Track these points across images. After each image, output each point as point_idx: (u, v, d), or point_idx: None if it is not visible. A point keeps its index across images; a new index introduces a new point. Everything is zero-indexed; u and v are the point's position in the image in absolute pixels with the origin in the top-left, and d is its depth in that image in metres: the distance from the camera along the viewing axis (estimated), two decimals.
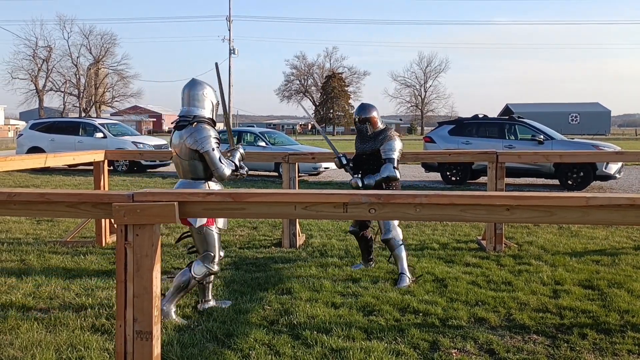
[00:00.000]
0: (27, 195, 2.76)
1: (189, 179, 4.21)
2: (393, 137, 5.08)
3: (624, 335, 3.76)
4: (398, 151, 5.05)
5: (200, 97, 4.19)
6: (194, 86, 4.23)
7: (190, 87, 4.22)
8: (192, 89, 4.21)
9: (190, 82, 4.27)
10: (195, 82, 4.27)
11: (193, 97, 4.19)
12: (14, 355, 3.43)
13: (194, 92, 4.20)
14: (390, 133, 5.13)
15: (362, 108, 5.28)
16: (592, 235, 7.10)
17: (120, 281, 2.59)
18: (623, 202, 2.43)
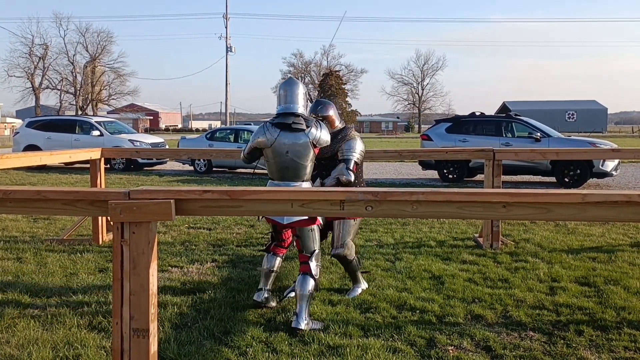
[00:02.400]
0: (23, 193, 2.75)
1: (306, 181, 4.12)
2: (353, 137, 4.53)
3: (620, 332, 3.77)
4: (358, 152, 4.46)
5: (302, 97, 4.13)
6: (299, 85, 4.16)
7: (298, 85, 4.14)
8: (299, 87, 4.13)
9: (290, 81, 4.20)
10: (296, 81, 4.23)
11: (301, 97, 4.12)
12: (10, 353, 3.42)
13: (297, 90, 4.11)
14: (351, 132, 4.57)
15: (318, 104, 4.60)
16: (589, 233, 7.11)
17: (117, 279, 2.58)
18: (619, 199, 2.43)
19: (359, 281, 4.66)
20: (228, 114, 51.34)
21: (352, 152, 4.43)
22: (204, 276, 5.13)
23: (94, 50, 65.46)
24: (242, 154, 4.29)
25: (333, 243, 4.55)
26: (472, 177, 14.12)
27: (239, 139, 17.13)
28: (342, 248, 4.47)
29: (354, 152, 4.44)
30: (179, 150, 9.72)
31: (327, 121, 4.47)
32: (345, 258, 4.50)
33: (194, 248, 6.31)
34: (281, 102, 4.10)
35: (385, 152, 7.19)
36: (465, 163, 13.50)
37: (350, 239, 4.53)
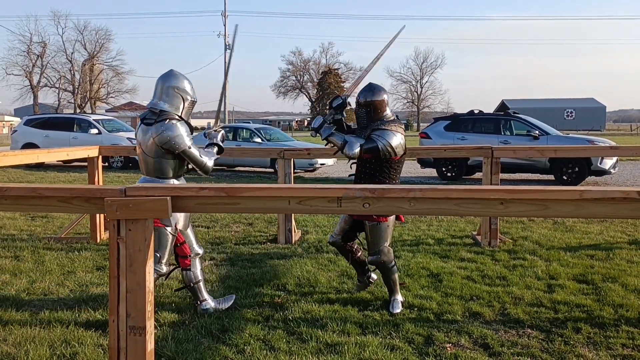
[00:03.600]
0: (18, 190, 2.74)
1: (153, 177, 3.96)
2: (393, 130, 4.07)
3: (618, 329, 3.77)
4: (389, 145, 4.00)
5: (168, 92, 3.91)
6: (167, 79, 3.95)
7: (163, 80, 3.96)
8: (164, 82, 3.94)
9: (167, 75, 4.00)
10: (169, 75, 3.99)
11: (162, 91, 3.93)
12: (7, 351, 3.41)
13: (161, 84, 3.94)
14: (392, 125, 4.10)
15: (369, 89, 4.22)
16: (587, 230, 7.11)
17: (113, 276, 2.58)
18: (617, 196, 2.43)
19: (397, 292, 4.26)
20: (227, 111, 51.32)
21: (379, 139, 4.02)
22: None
23: (92, 48, 65.31)
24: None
25: (368, 249, 4.24)
26: (471, 175, 14.12)
27: (237, 137, 17.11)
28: (377, 255, 4.16)
29: (382, 139, 4.01)
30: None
31: (373, 107, 4.15)
32: (384, 265, 4.18)
33: None
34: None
35: None
36: (463, 161, 13.51)
37: (386, 244, 4.18)
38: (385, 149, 4.00)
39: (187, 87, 3.99)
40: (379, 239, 4.14)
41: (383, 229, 4.14)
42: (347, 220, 4.40)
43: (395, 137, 4.04)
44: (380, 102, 4.15)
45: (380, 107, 4.15)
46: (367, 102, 4.16)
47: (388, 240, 4.18)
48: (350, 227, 4.40)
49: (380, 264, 4.18)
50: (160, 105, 3.91)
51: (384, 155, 4.02)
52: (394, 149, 4.03)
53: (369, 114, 4.17)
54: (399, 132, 4.09)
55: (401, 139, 4.09)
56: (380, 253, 4.15)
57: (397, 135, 4.06)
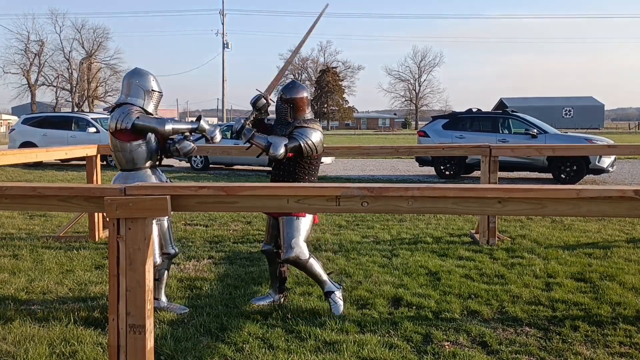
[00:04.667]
0: (18, 189, 2.75)
1: (124, 171, 4.14)
2: (314, 127, 4.11)
3: (615, 327, 3.78)
4: (308, 141, 4.01)
5: (129, 86, 4.13)
6: (130, 75, 4.21)
7: (127, 76, 4.21)
8: (127, 78, 4.19)
9: (129, 72, 4.29)
10: (132, 72, 4.25)
11: (124, 86, 4.17)
12: (7, 349, 3.42)
13: (125, 81, 4.18)
14: (314, 124, 4.14)
15: (290, 87, 4.22)
16: (585, 229, 7.14)
17: (113, 275, 2.59)
18: (614, 194, 2.44)
19: (326, 283, 4.08)
20: (225, 110, 51.28)
21: (300, 136, 4.02)
22: (200, 273, 5.14)
23: (90, 46, 65.23)
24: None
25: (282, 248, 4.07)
26: (469, 174, 14.15)
27: None
28: (290, 251, 3.96)
29: (303, 137, 4.01)
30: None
31: (293, 104, 4.14)
32: (298, 263, 4.00)
33: (191, 245, 6.31)
34: None
35: (382, 148, 7.20)
36: (462, 159, 13.53)
37: (299, 240, 3.99)
38: (307, 147, 4.02)
39: (149, 80, 4.17)
40: (293, 232, 3.98)
41: (300, 223, 4.01)
42: (273, 224, 4.25)
43: (315, 135, 4.08)
44: (302, 100, 4.18)
45: (302, 105, 4.18)
46: (291, 98, 4.16)
47: (302, 235, 4.01)
48: (278, 231, 4.20)
49: (294, 261, 4.00)
50: (121, 99, 4.14)
51: (307, 153, 4.05)
52: (316, 147, 4.08)
53: (291, 110, 4.17)
54: (318, 130, 4.14)
55: (321, 136, 4.15)
56: (295, 246, 3.96)
57: (317, 133, 4.11)
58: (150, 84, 4.17)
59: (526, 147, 7.59)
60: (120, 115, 3.99)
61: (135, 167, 4.13)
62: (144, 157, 4.14)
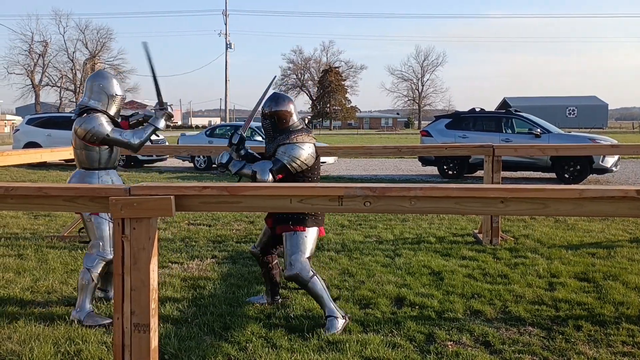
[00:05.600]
0: (24, 190, 2.77)
1: (82, 169, 4.20)
2: (298, 142, 3.89)
3: (618, 327, 3.79)
4: (295, 159, 3.84)
5: (92, 89, 4.18)
6: (94, 78, 4.26)
7: (91, 79, 4.27)
8: (91, 80, 4.24)
9: (94, 74, 4.37)
10: (96, 74, 4.31)
11: (87, 89, 4.23)
12: (12, 349, 3.44)
13: (89, 83, 4.23)
14: (297, 137, 3.90)
15: (272, 99, 4.05)
16: (588, 229, 7.13)
17: (118, 274, 2.60)
18: (616, 194, 2.45)
19: (329, 306, 3.81)
20: (228, 110, 51.34)
21: (284, 156, 3.85)
22: (203, 272, 5.15)
23: (93, 47, 65.47)
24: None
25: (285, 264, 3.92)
26: (472, 173, 14.14)
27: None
28: (290, 268, 3.80)
29: (287, 156, 3.84)
30: (178, 147, 9.75)
31: (277, 117, 3.97)
32: (300, 280, 3.80)
33: (194, 244, 6.33)
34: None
35: (385, 148, 7.21)
36: (465, 159, 13.52)
37: (301, 257, 3.81)
38: (292, 165, 3.85)
39: (112, 85, 4.23)
40: (295, 249, 3.82)
41: (300, 239, 3.83)
42: (266, 232, 4.17)
43: (299, 150, 3.87)
44: (284, 112, 3.98)
45: (284, 117, 3.98)
46: (272, 112, 3.98)
47: (306, 252, 3.84)
48: (267, 239, 4.16)
49: (295, 279, 3.81)
50: (84, 101, 4.18)
51: (295, 170, 3.87)
52: (303, 161, 3.88)
53: (274, 124, 3.99)
54: (305, 142, 3.92)
55: (307, 148, 3.90)
56: (295, 263, 3.79)
57: (303, 146, 3.89)
58: (114, 88, 4.22)
59: (529, 147, 7.59)
60: (90, 127, 4.03)
61: (93, 167, 4.19)
62: (107, 159, 4.22)
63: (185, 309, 4.17)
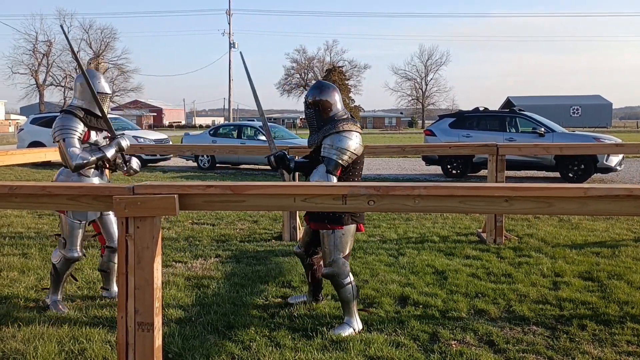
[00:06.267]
0: (28, 189, 2.78)
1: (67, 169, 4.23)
2: (343, 130, 3.74)
3: (623, 326, 3.77)
4: (345, 151, 3.70)
5: (77, 87, 4.25)
6: (78, 76, 4.33)
7: (76, 78, 4.34)
8: (76, 80, 4.32)
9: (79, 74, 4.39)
10: (80, 75, 4.32)
11: (75, 89, 4.30)
12: (16, 347, 3.45)
13: (75, 82, 4.33)
14: (343, 125, 3.76)
15: (315, 87, 3.95)
16: (593, 228, 7.11)
17: (122, 273, 2.61)
18: (621, 193, 2.44)
19: (351, 315, 3.78)
20: (231, 110, 51.37)
21: (335, 150, 3.70)
22: (207, 271, 5.16)
23: (97, 46, 65.66)
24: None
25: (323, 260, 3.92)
26: (476, 173, 14.11)
27: (242, 135, 17.16)
28: (330, 266, 3.77)
29: (339, 150, 3.70)
30: (182, 147, 9.75)
31: (319, 107, 3.85)
32: (336, 279, 3.77)
33: (198, 243, 6.34)
34: None
35: (389, 147, 7.20)
36: (468, 158, 13.49)
37: (341, 255, 3.78)
38: (342, 158, 3.72)
39: (95, 82, 4.23)
40: (332, 248, 3.76)
41: (337, 238, 3.76)
42: (307, 231, 4.10)
43: (347, 141, 3.72)
44: (327, 102, 3.86)
45: (329, 106, 3.85)
46: (316, 101, 3.86)
47: (344, 251, 3.79)
48: (310, 239, 4.09)
49: (332, 278, 3.78)
50: (73, 102, 4.25)
51: (347, 163, 3.75)
52: (353, 152, 3.74)
53: (318, 114, 3.87)
54: (352, 131, 3.78)
55: (355, 138, 3.77)
56: (333, 264, 3.75)
57: (351, 136, 3.75)
58: (97, 87, 4.22)
59: (534, 146, 7.56)
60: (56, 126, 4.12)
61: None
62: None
63: (189, 308, 4.17)
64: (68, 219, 4.15)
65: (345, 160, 3.73)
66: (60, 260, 4.20)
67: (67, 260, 4.20)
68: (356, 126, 3.84)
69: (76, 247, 4.20)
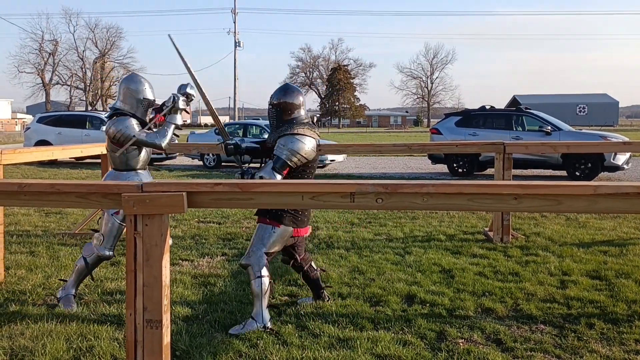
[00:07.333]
0: (37, 186, 2.78)
1: (114, 170, 4.39)
2: (298, 133, 3.78)
3: (631, 325, 3.75)
4: (295, 153, 3.72)
5: (123, 92, 4.35)
6: (124, 81, 4.43)
7: (122, 82, 4.44)
8: (122, 84, 4.41)
9: (125, 77, 4.53)
10: (128, 78, 4.46)
11: (119, 92, 4.41)
12: (25, 345, 3.47)
13: (120, 87, 4.42)
14: (299, 129, 3.80)
15: (281, 90, 4.01)
16: (600, 226, 7.08)
17: (130, 270, 2.61)
18: (631, 191, 2.42)
19: (259, 309, 3.71)
20: (237, 108, 51.43)
21: (283, 150, 3.74)
22: (214, 269, 5.17)
23: (103, 45, 65.85)
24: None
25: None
26: (482, 171, 14.07)
27: (247, 133, 17.18)
28: (246, 257, 3.79)
29: (286, 149, 3.73)
30: (188, 145, 9.76)
31: (280, 108, 3.91)
32: (249, 269, 3.76)
33: (204, 242, 6.35)
34: None
35: (395, 145, 7.19)
36: (475, 157, 13.46)
37: (261, 249, 3.76)
38: (291, 159, 3.75)
39: (141, 90, 4.34)
40: (258, 239, 3.79)
41: (268, 233, 3.78)
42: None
43: (299, 143, 3.76)
44: (290, 104, 3.91)
45: (290, 109, 3.91)
46: (279, 102, 3.92)
47: (268, 247, 3.77)
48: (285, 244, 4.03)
49: (246, 267, 3.78)
50: (116, 104, 4.38)
51: (295, 165, 3.77)
52: (303, 155, 3.77)
53: (279, 114, 3.93)
54: (306, 135, 3.80)
55: (308, 143, 3.80)
56: (251, 254, 3.76)
57: (304, 140, 3.78)
58: (142, 93, 4.34)
59: (541, 144, 7.52)
60: (120, 128, 4.20)
61: (127, 168, 4.37)
62: (137, 160, 4.39)
63: (196, 306, 4.18)
64: (113, 218, 4.23)
65: (294, 162, 3.76)
66: (92, 255, 4.26)
67: (99, 257, 4.27)
68: (312, 132, 3.89)
69: (112, 246, 4.29)
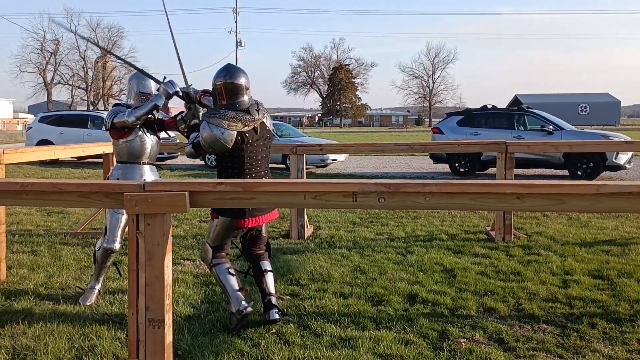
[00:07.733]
0: (39, 186, 2.79)
1: (120, 163, 4.50)
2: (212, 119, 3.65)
3: (633, 325, 3.75)
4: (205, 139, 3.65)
5: (129, 87, 4.59)
6: (130, 77, 4.64)
7: (129, 78, 4.64)
8: (128, 79, 4.64)
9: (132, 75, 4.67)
10: (132, 75, 4.63)
11: (128, 88, 4.63)
12: (27, 344, 3.47)
13: (130, 84, 4.60)
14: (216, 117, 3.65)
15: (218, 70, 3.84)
16: (602, 226, 7.06)
17: (133, 270, 2.61)
18: (634, 190, 2.42)
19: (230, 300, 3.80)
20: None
21: (200, 132, 3.73)
22: None
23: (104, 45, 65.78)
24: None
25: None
26: (484, 171, 14.06)
27: None
28: (200, 251, 4.15)
29: (201, 131, 3.71)
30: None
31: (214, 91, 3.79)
32: (204, 263, 4.09)
33: None
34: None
35: (397, 145, 7.20)
36: (476, 156, 13.45)
37: (206, 242, 3.94)
38: (203, 143, 3.70)
39: (142, 83, 4.48)
40: (206, 234, 4.16)
41: (212, 226, 3.90)
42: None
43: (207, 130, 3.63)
44: (220, 87, 3.74)
45: (222, 92, 3.74)
46: (213, 84, 3.79)
47: (213, 239, 3.89)
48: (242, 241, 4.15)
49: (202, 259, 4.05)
50: (127, 101, 4.54)
51: (207, 148, 3.71)
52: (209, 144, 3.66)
53: (214, 98, 3.83)
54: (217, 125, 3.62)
55: (216, 131, 3.61)
56: (202, 247, 4.01)
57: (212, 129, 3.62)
58: (142, 87, 4.47)
59: (542, 144, 7.52)
60: (107, 115, 4.39)
61: (130, 160, 4.44)
62: (141, 151, 4.44)
63: (198, 305, 4.19)
64: (112, 210, 4.28)
65: (205, 146, 3.70)
66: (100, 249, 4.33)
67: (105, 250, 4.31)
68: (230, 123, 3.63)
69: (116, 238, 4.31)
